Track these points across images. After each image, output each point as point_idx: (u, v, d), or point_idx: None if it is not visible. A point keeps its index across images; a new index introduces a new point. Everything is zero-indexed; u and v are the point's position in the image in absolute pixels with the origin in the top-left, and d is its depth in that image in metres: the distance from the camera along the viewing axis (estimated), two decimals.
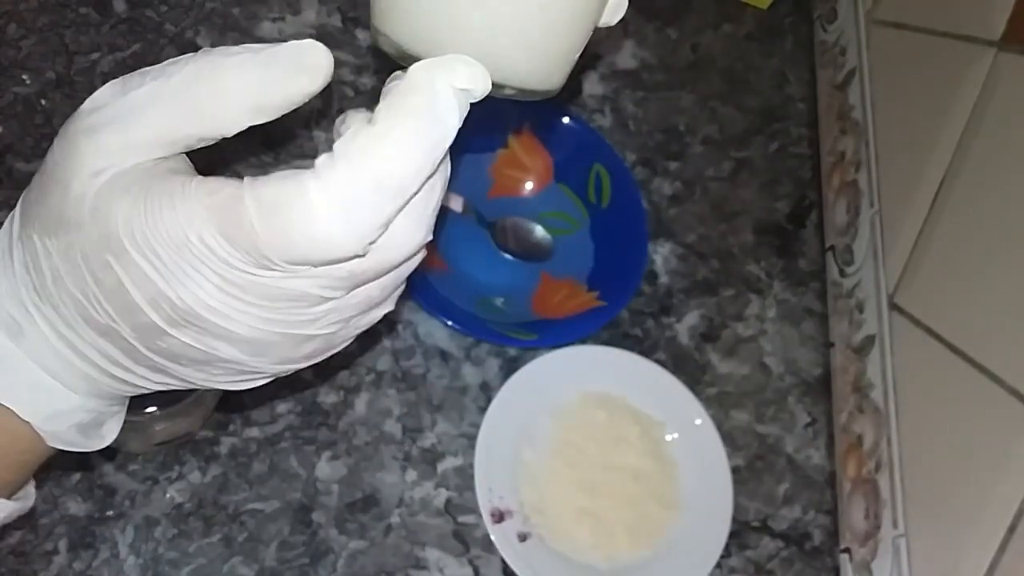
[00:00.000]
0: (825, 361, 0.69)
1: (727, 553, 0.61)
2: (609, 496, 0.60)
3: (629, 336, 0.67)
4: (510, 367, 0.63)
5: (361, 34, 0.72)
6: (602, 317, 0.64)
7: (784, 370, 0.69)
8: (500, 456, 0.60)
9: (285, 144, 0.67)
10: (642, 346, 0.67)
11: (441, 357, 0.64)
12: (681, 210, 0.73)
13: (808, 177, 0.77)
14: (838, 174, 0.73)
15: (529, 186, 0.71)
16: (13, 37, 0.66)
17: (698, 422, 0.63)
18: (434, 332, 0.64)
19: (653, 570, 0.59)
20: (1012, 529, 0.47)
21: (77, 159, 0.29)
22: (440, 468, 0.60)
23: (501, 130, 0.70)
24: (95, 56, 0.67)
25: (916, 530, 0.54)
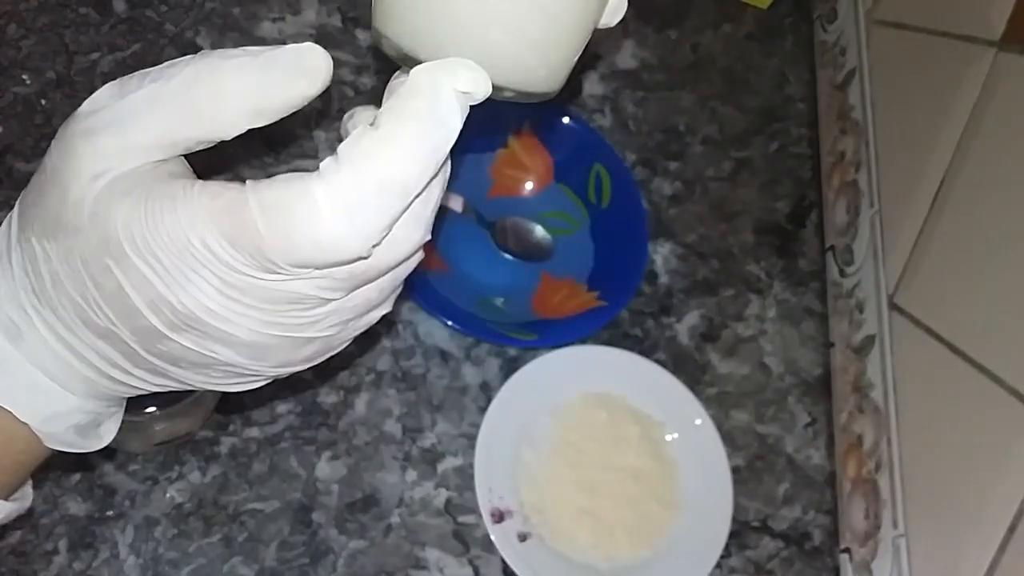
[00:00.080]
0: (825, 361, 0.69)
1: (727, 553, 0.61)
2: (609, 496, 0.60)
3: (629, 336, 0.67)
4: (510, 367, 0.63)
5: (361, 34, 0.72)
6: (602, 317, 0.64)
7: (784, 370, 0.69)
8: (500, 456, 0.60)
9: (286, 144, 0.67)
10: (642, 346, 0.67)
11: (441, 357, 0.64)
12: (681, 210, 0.73)
13: (808, 177, 0.77)
14: (838, 174, 0.73)
15: (529, 186, 0.71)
16: (13, 37, 0.66)
17: (698, 422, 0.63)
18: (434, 332, 0.64)
19: (653, 570, 0.59)
20: (1012, 529, 0.47)
21: (75, 162, 0.29)
22: (440, 468, 0.60)
23: (501, 130, 0.70)
24: (95, 56, 0.67)
25: (916, 530, 0.54)
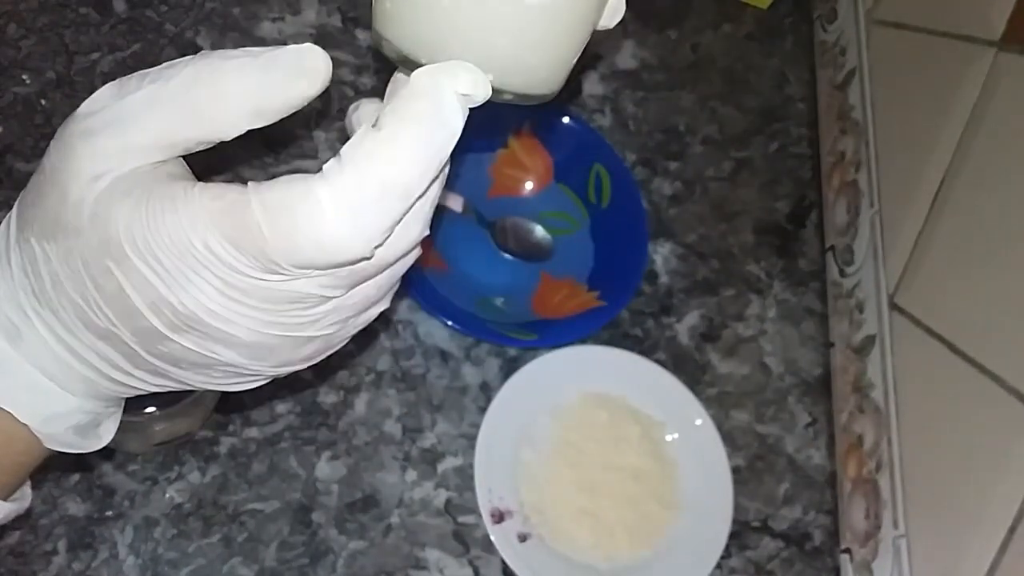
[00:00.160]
0: (825, 361, 0.69)
1: (727, 553, 0.61)
2: (609, 496, 0.60)
3: (629, 336, 0.67)
4: (510, 367, 0.63)
5: (361, 34, 0.72)
6: (602, 317, 0.64)
7: (784, 370, 0.69)
8: (500, 456, 0.60)
9: (285, 144, 0.67)
10: (642, 346, 0.67)
11: (441, 357, 0.63)
12: (681, 210, 0.73)
13: (808, 177, 0.77)
14: (838, 174, 0.73)
15: (529, 186, 0.71)
16: (13, 37, 0.66)
17: (698, 422, 0.63)
18: (434, 332, 0.64)
19: (653, 570, 0.59)
20: (1013, 529, 0.47)
21: (74, 163, 0.28)
22: (440, 468, 0.60)
23: (501, 130, 0.70)
24: (95, 56, 0.67)
25: (917, 530, 0.54)
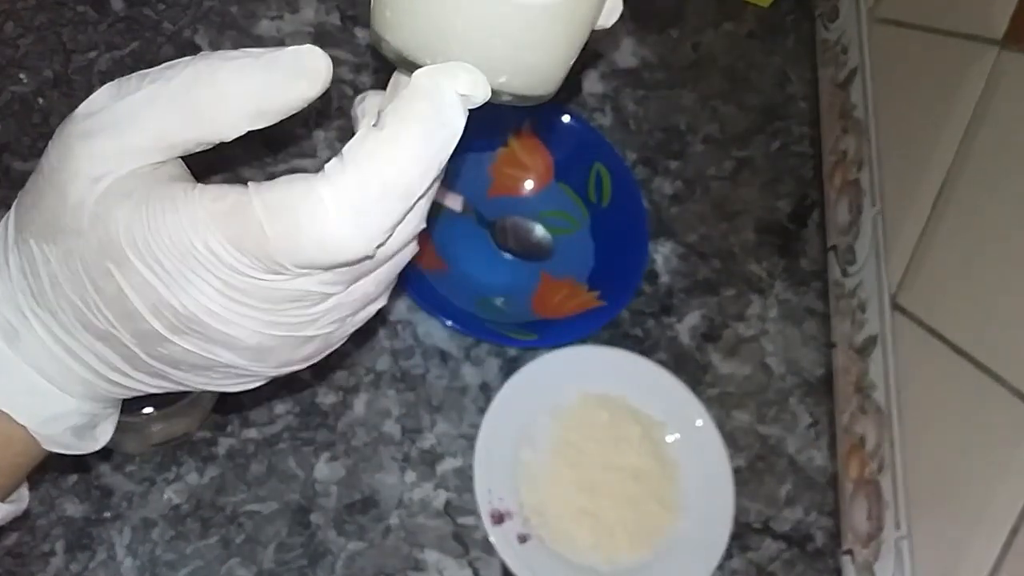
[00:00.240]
0: (827, 361, 0.69)
1: (728, 555, 0.60)
2: (610, 497, 0.60)
3: (630, 336, 0.67)
4: (510, 367, 0.63)
5: (360, 32, 0.72)
6: (602, 317, 0.64)
7: (786, 370, 0.69)
8: (500, 457, 0.59)
9: (285, 144, 0.67)
10: (643, 346, 0.67)
11: (440, 357, 0.63)
12: (682, 209, 0.73)
13: (810, 176, 0.77)
14: (840, 173, 0.73)
15: (529, 185, 0.70)
16: (10, 36, 0.66)
17: (699, 423, 0.63)
18: (433, 332, 0.64)
19: (654, 572, 0.59)
20: (1015, 530, 0.47)
21: (73, 164, 0.28)
22: (439, 469, 0.60)
23: (501, 129, 0.70)
24: (93, 55, 0.66)
25: (919, 531, 0.54)
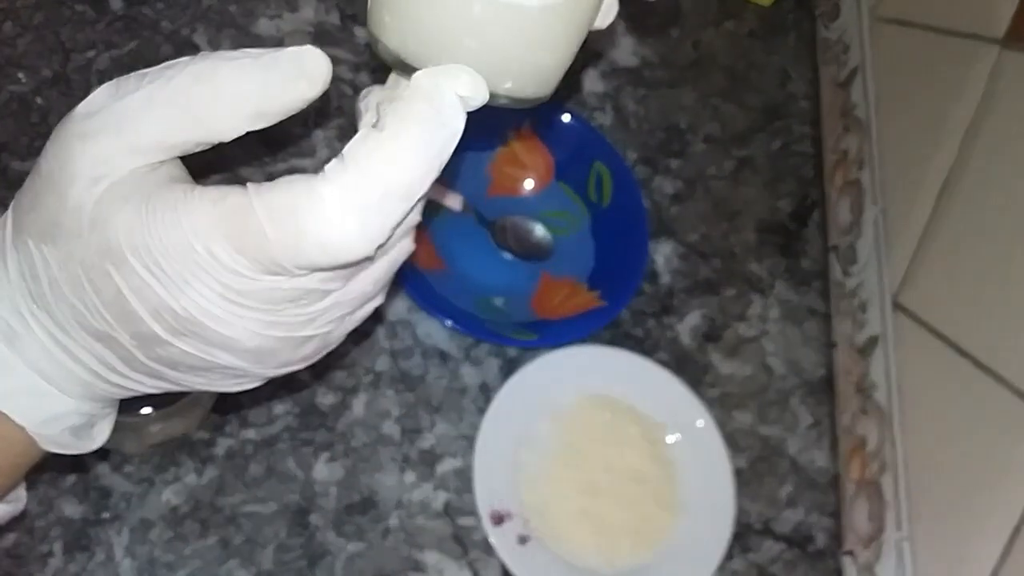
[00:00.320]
0: (828, 362, 0.69)
1: (729, 556, 0.60)
2: (610, 498, 0.60)
3: (630, 336, 0.67)
4: (510, 367, 0.63)
5: (359, 31, 0.72)
6: (603, 317, 0.64)
7: (787, 371, 0.68)
8: (500, 458, 0.59)
9: (283, 143, 0.66)
10: (643, 346, 0.67)
11: (440, 358, 0.63)
12: (682, 209, 0.73)
13: (811, 176, 0.77)
14: (841, 172, 0.73)
15: (529, 185, 0.70)
16: (9, 35, 0.66)
17: (700, 423, 0.63)
18: (433, 332, 0.64)
19: (654, 573, 0.58)
20: (1017, 531, 0.47)
21: (72, 165, 0.28)
22: (439, 470, 0.60)
23: (501, 129, 0.69)
24: (91, 54, 0.66)
25: (920, 532, 0.54)
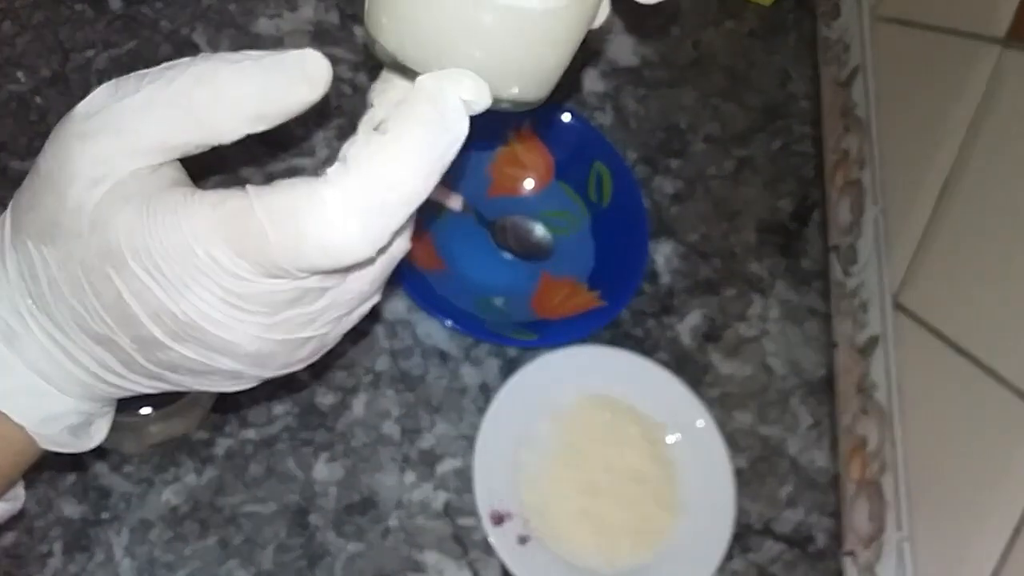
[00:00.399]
0: (829, 362, 0.69)
1: (729, 556, 0.60)
2: (610, 498, 0.60)
3: (630, 336, 0.67)
4: (510, 367, 0.63)
5: (359, 31, 0.72)
6: (603, 317, 0.64)
7: (787, 371, 0.68)
8: (500, 458, 0.59)
9: (283, 143, 0.66)
10: (643, 346, 0.67)
11: (440, 358, 0.63)
12: (683, 209, 0.73)
13: (811, 175, 0.76)
14: (841, 172, 0.73)
15: (529, 185, 0.70)
16: (8, 34, 0.66)
17: (700, 423, 0.63)
18: (433, 332, 0.63)
19: (654, 573, 0.58)
20: (1017, 531, 0.46)
21: (72, 165, 0.28)
22: (439, 470, 0.60)
23: (501, 129, 0.69)
24: (90, 53, 0.66)
25: (921, 532, 0.54)
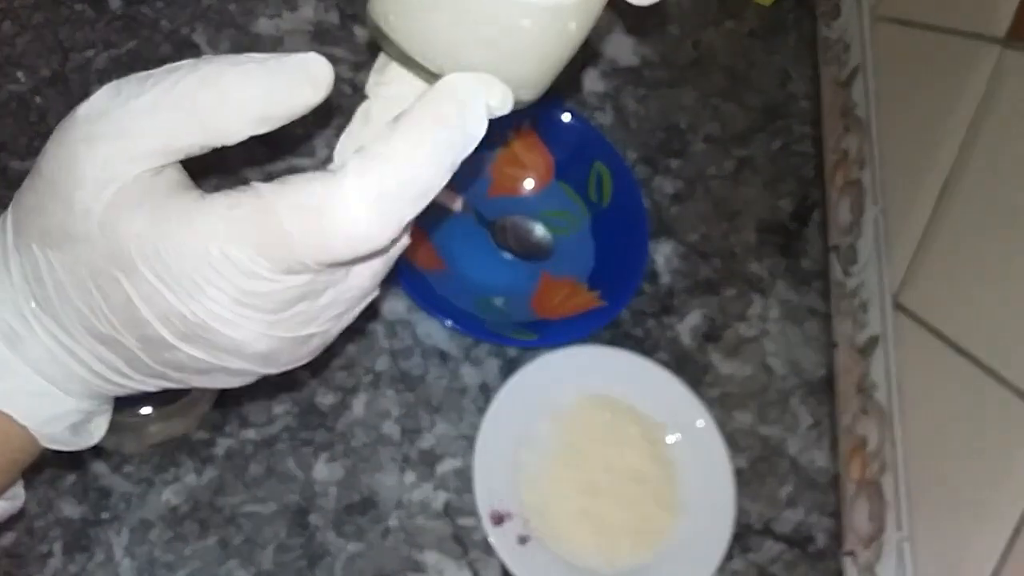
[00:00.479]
0: (829, 362, 0.69)
1: (729, 556, 0.60)
2: (610, 498, 0.60)
3: (630, 336, 0.67)
4: (510, 367, 0.62)
5: (359, 31, 0.72)
6: (603, 317, 0.64)
7: (787, 371, 0.68)
8: (499, 458, 0.59)
9: (283, 142, 0.66)
10: (643, 346, 0.67)
11: (440, 358, 0.63)
12: (683, 209, 0.73)
13: (811, 175, 0.76)
14: (841, 172, 0.73)
15: (529, 184, 0.70)
16: (8, 34, 0.66)
17: (700, 423, 0.63)
18: (433, 332, 0.63)
19: (654, 573, 0.58)
20: (1018, 531, 0.46)
21: (77, 169, 0.28)
22: (439, 470, 0.60)
23: (501, 128, 0.69)
24: (90, 53, 0.66)
25: (920, 532, 0.54)
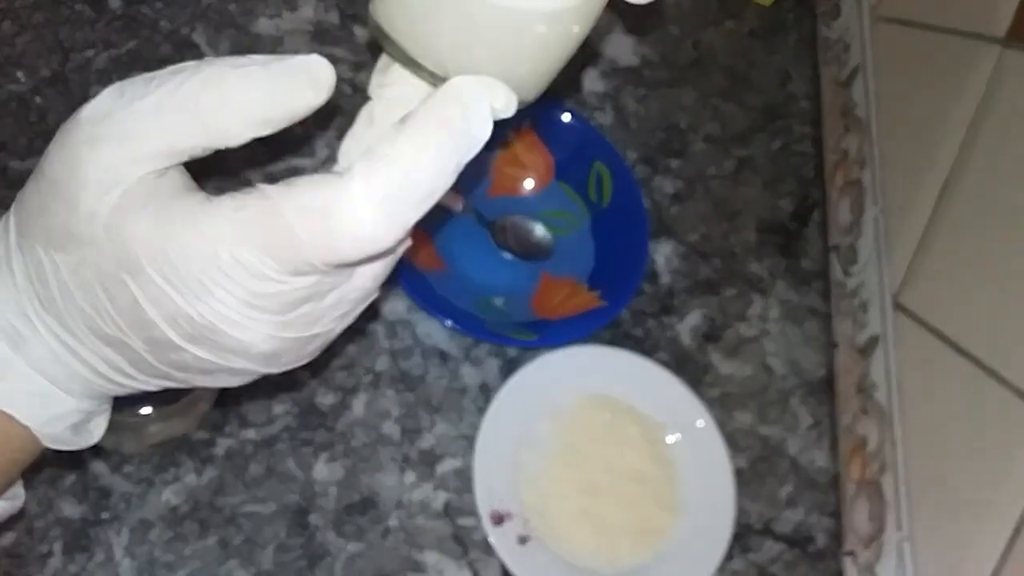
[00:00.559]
0: (829, 362, 0.69)
1: (729, 556, 0.60)
2: (610, 498, 0.60)
3: (630, 336, 0.67)
4: (510, 367, 0.62)
5: (359, 31, 0.72)
6: (603, 317, 0.64)
7: (787, 371, 0.68)
8: (500, 458, 0.59)
9: (283, 143, 0.66)
10: (643, 346, 0.67)
11: (440, 358, 0.63)
12: (683, 209, 0.73)
13: (811, 175, 0.76)
14: (842, 172, 0.73)
15: (529, 185, 0.70)
16: (7, 34, 0.66)
17: (700, 423, 0.63)
18: (433, 332, 0.63)
19: (654, 573, 0.58)
20: (1018, 531, 0.46)
21: (82, 171, 0.28)
22: (439, 470, 0.60)
23: (501, 129, 0.69)
24: (90, 53, 0.66)
25: (921, 532, 0.54)
